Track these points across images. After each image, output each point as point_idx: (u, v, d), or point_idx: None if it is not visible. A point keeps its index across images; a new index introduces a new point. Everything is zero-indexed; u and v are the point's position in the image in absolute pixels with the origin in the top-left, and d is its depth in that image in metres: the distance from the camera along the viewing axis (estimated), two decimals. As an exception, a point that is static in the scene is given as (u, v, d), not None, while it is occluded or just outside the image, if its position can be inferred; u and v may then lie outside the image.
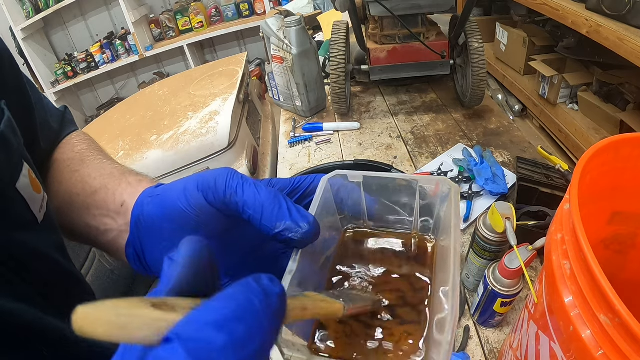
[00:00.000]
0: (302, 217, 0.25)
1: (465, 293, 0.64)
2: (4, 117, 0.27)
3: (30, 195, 0.28)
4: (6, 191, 0.26)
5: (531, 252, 0.49)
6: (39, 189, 0.29)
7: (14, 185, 0.26)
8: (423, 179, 0.30)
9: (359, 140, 1.07)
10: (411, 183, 0.30)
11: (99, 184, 0.34)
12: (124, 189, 0.33)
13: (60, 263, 0.31)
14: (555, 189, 0.73)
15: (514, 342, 0.43)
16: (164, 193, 0.29)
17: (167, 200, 0.28)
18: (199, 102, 1.49)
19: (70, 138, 0.42)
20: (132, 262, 0.31)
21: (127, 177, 0.34)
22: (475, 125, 1.06)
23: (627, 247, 0.41)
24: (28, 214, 0.28)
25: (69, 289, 0.33)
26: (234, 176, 0.26)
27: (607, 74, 1.60)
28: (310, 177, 0.31)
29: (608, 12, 1.26)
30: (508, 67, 2.16)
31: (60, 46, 3.24)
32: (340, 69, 1.03)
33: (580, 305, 0.26)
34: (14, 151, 0.27)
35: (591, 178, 0.33)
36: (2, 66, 0.32)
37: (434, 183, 0.29)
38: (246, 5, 3.02)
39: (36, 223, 0.29)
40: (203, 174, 0.27)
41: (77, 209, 0.34)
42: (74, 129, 0.44)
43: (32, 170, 0.29)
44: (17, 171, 0.27)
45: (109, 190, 0.33)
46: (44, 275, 0.29)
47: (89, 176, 0.35)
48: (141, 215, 0.29)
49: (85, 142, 0.41)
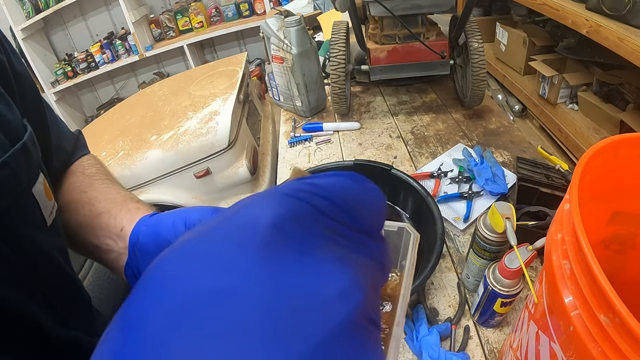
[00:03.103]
0: None
1: (465, 293, 0.64)
2: (27, 131, 0.31)
3: (43, 200, 0.31)
4: (24, 193, 0.30)
5: (531, 252, 0.49)
6: (50, 197, 0.33)
7: (30, 189, 0.30)
8: (387, 224, 0.30)
9: (359, 140, 1.07)
10: None
11: (103, 208, 0.39)
12: (124, 215, 0.37)
13: (62, 266, 0.34)
14: (555, 189, 0.73)
15: (514, 342, 0.43)
16: (157, 224, 0.33)
17: (158, 231, 0.33)
18: (199, 102, 1.49)
19: (82, 161, 0.47)
20: (131, 281, 0.35)
21: (128, 204, 0.39)
22: (475, 125, 1.06)
23: (627, 247, 0.41)
24: (39, 216, 0.31)
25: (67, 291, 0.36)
26: None
27: (607, 74, 1.60)
28: None
29: (608, 12, 1.26)
30: (508, 67, 2.16)
31: (60, 46, 3.24)
32: (340, 69, 1.03)
33: (580, 305, 0.26)
34: (33, 160, 0.31)
35: (591, 178, 0.33)
36: (25, 88, 0.37)
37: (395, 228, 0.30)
38: (246, 5, 3.01)
39: (45, 226, 0.32)
40: (190, 211, 0.31)
41: (83, 228, 0.39)
42: (86, 152, 0.49)
43: (46, 181, 0.33)
44: (34, 178, 0.31)
45: (111, 214, 0.38)
46: (46, 274, 0.32)
47: (96, 199, 0.40)
48: (137, 242, 0.34)
49: (94, 166, 0.47)
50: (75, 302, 0.37)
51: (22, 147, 0.29)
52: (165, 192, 1.36)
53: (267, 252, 0.12)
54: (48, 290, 0.32)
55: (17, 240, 0.28)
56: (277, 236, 0.12)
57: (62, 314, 0.33)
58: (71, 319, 0.34)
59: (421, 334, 0.57)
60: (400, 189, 0.75)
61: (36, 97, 0.40)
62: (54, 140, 0.43)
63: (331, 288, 0.12)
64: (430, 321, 0.60)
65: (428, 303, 0.64)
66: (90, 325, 0.39)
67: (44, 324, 0.30)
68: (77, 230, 0.39)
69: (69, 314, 0.34)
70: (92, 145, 0.52)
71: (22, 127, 0.31)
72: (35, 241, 0.30)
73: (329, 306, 0.12)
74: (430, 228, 0.64)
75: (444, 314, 0.62)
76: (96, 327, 0.40)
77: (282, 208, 0.13)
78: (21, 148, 0.29)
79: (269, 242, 0.12)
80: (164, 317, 0.11)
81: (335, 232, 0.14)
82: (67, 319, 0.34)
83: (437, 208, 0.66)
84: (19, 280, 0.28)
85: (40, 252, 0.31)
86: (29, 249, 0.30)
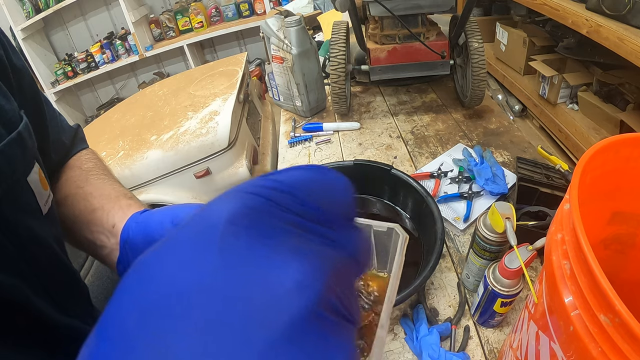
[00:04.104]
0: None
1: (465, 293, 0.64)
2: (22, 121, 0.32)
3: (38, 189, 0.32)
4: (19, 181, 0.30)
5: (531, 252, 0.49)
6: (46, 186, 0.34)
7: (26, 178, 0.31)
8: (376, 224, 0.31)
9: (359, 140, 1.07)
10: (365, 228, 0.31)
11: (97, 204, 0.40)
12: (116, 212, 0.38)
13: (58, 254, 0.35)
14: (555, 189, 0.73)
15: (514, 342, 0.43)
16: (146, 222, 0.34)
17: (147, 229, 0.33)
18: (199, 102, 1.49)
19: (80, 155, 0.48)
20: None
21: (120, 201, 0.40)
22: (475, 125, 1.06)
23: (627, 247, 0.41)
24: (35, 204, 0.32)
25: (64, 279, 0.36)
26: None
27: (607, 74, 1.60)
28: None
29: (608, 12, 1.26)
30: (508, 67, 2.16)
31: (60, 46, 3.24)
32: (340, 69, 1.03)
33: (580, 305, 0.26)
34: (28, 150, 0.31)
35: (591, 178, 0.33)
36: (24, 82, 0.38)
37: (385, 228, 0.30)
38: (246, 5, 3.01)
39: (41, 214, 0.33)
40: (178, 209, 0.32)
41: (79, 223, 0.39)
42: (84, 147, 0.50)
43: (42, 171, 0.33)
44: (29, 167, 0.31)
45: (105, 211, 0.39)
46: (43, 262, 0.32)
47: (91, 195, 0.41)
48: (127, 238, 0.35)
49: (92, 161, 0.47)
50: (73, 291, 0.38)
51: (17, 136, 0.30)
52: (166, 192, 1.36)
53: (224, 250, 0.13)
54: (46, 277, 0.32)
55: (13, 228, 0.29)
56: (232, 231, 0.13)
57: (60, 301, 0.33)
58: (70, 307, 0.35)
59: (421, 334, 0.57)
60: (400, 189, 0.75)
61: (34, 91, 0.40)
62: (52, 134, 0.43)
63: (287, 280, 0.12)
64: (430, 321, 0.61)
65: (428, 303, 0.64)
66: (89, 314, 0.39)
67: (43, 311, 0.31)
68: (73, 225, 0.40)
69: (67, 302, 0.35)
70: (92, 146, 0.52)
71: (18, 118, 0.32)
72: (31, 229, 0.31)
73: (285, 298, 0.12)
74: (430, 228, 0.64)
75: (444, 314, 0.62)
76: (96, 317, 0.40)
77: (238, 204, 0.14)
78: (16, 137, 0.30)
79: (225, 239, 0.13)
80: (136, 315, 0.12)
81: (294, 224, 0.14)
82: (65, 306, 0.34)
83: (437, 208, 0.66)
84: (15, 268, 0.29)
85: (36, 240, 0.31)
86: (25, 237, 0.30)
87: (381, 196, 0.78)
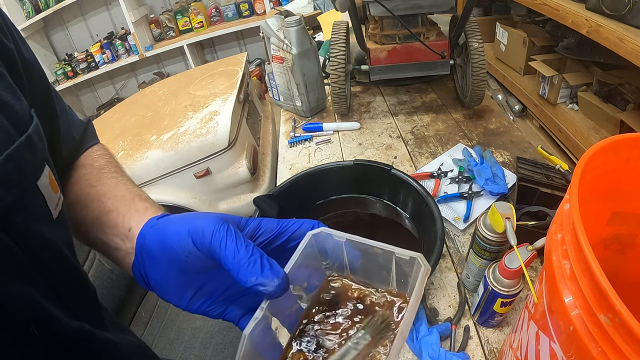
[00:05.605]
0: (274, 273, 0.29)
1: (465, 293, 0.64)
2: (32, 122, 0.31)
3: (48, 193, 0.31)
4: (29, 186, 0.29)
5: (531, 252, 0.49)
6: (56, 189, 0.33)
7: (36, 182, 0.30)
8: (399, 252, 0.31)
9: (359, 140, 1.07)
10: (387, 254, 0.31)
11: (112, 206, 0.39)
12: (132, 215, 0.37)
13: (68, 258, 0.34)
14: (555, 189, 0.73)
15: (514, 342, 0.43)
16: (162, 229, 0.34)
17: (163, 237, 0.33)
18: (199, 102, 1.49)
19: (92, 152, 0.47)
20: (138, 280, 0.35)
21: (136, 204, 0.39)
22: (475, 125, 1.06)
23: (627, 247, 0.41)
24: (45, 209, 0.31)
25: (74, 284, 0.35)
26: (220, 229, 0.30)
27: (607, 74, 1.60)
28: (298, 222, 0.35)
29: (608, 12, 1.26)
30: (508, 67, 2.16)
31: (60, 46, 3.24)
32: (340, 69, 1.03)
33: (580, 305, 0.26)
34: (38, 153, 0.31)
35: (591, 178, 0.33)
36: (34, 76, 0.37)
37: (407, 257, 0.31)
38: (246, 5, 3.01)
39: (51, 218, 0.32)
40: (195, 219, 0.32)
41: (92, 224, 0.39)
42: (95, 142, 0.49)
43: (52, 173, 0.33)
44: (39, 171, 0.31)
45: (120, 213, 0.38)
46: (53, 267, 0.32)
47: (104, 195, 0.40)
48: (143, 244, 0.34)
49: (104, 157, 0.46)
50: (82, 294, 0.37)
51: (27, 140, 0.29)
52: (166, 192, 1.36)
53: None
54: (56, 282, 0.32)
55: (23, 234, 0.28)
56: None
57: (70, 306, 0.33)
58: (79, 311, 0.34)
59: (421, 334, 0.57)
60: (400, 189, 0.75)
61: (45, 84, 0.39)
62: (63, 129, 0.42)
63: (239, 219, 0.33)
64: (430, 321, 0.61)
65: (428, 303, 0.64)
66: (98, 317, 0.39)
67: (54, 316, 0.30)
68: (86, 226, 0.39)
69: (77, 306, 0.34)
70: (92, 146, 0.52)
71: (29, 117, 0.31)
72: (41, 235, 0.30)
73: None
74: (430, 228, 0.64)
75: (444, 314, 0.62)
76: (104, 319, 0.40)
77: None
78: (26, 140, 0.29)
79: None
80: None
81: None
82: (75, 310, 0.33)
83: (437, 208, 0.66)
84: (26, 275, 0.28)
85: (47, 245, 0.31)
86: (36, 243, 0.29)
87: (381, 196, 0.78)
